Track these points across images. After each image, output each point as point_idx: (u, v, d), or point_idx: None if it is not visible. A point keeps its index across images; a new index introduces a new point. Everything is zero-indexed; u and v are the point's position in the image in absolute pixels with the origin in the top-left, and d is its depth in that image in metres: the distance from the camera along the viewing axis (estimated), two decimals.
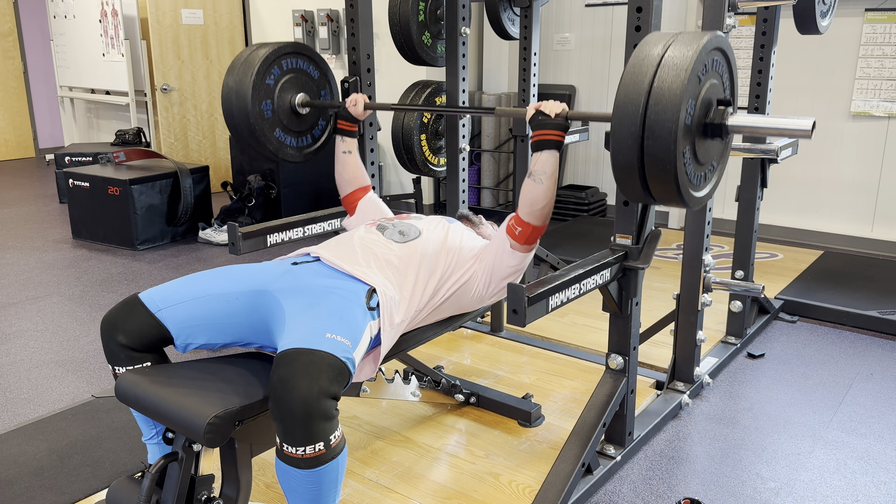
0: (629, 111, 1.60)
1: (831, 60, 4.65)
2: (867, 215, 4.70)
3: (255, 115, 2.43)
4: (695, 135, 1.65)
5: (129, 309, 1.74)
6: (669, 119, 1.55)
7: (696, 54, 1.58)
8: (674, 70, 1.57)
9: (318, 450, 1.47)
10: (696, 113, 1.63)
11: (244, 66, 2.42)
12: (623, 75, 1.64)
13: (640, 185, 1.66)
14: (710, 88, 1.68)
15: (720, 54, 1.70)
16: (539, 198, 1.92)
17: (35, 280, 4.22)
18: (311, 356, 1.51)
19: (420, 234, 2.04)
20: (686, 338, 2.69)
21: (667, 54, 1.61)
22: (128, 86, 6.57)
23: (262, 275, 1.84)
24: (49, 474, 2.26)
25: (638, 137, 1.60)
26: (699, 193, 1.74)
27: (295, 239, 2.54)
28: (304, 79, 2.57)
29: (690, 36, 1.64)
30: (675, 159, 1.57)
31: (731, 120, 1.70)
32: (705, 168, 1.75)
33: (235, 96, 2.42)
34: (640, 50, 1.66)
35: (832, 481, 2.23)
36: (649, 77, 1.59)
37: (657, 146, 1.58)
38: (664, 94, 1.57)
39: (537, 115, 1.95)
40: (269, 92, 2.46)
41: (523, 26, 3.41)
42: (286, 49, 2.49)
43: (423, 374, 2.56)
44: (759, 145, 2.90)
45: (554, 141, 1.92)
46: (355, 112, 2.44)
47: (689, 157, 1.65)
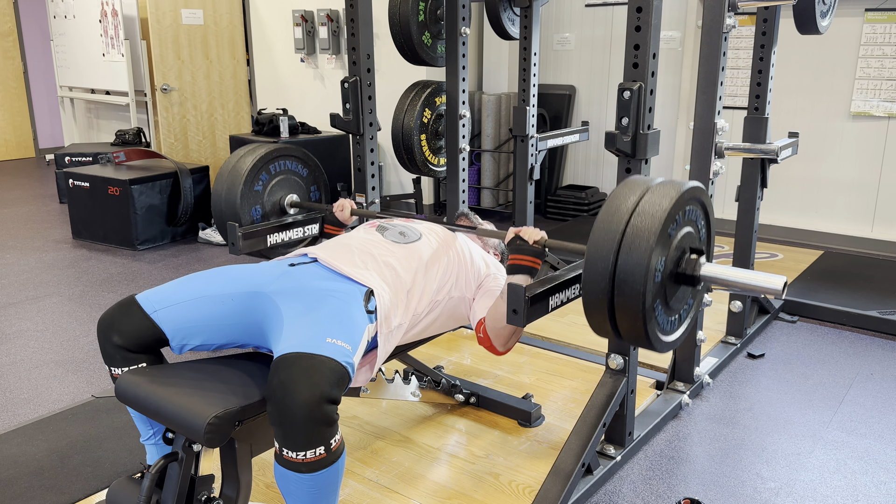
0: (599, 266, 1.58)
1: (831, 60, 4.65)
2: (867, 215, 4.70)
3: (246, 223, 2.47)
4: (666, 285, 1.63)
5: (125, 310, 1.74)
6: (637, 279, 1.53)
7: (668, 208, 1.55)
8: (643, 227, 1.55)
9: (318, 454, 1.46)
10: (667, 265, 1.61)
11: (232, 176, 2.45)
12: (595, 223, 1.62)
13: (613, 332, 1.66)
14: (684, 237, 1.66)
15: (696, 203, 1.68)
16: (503, 316, 1.89)
17: (35, 280, 4.22)
18: (312, 360, 1.51)
19: (420, 237, 2.04)
20: (686, 338, 2.68)
21: (639, 207, 1.58)
22: (128, 86, 6.57)
23: (258, 276, 1.83)
24: (49, 474, 2.26)
25: (608, 292, 1.58)
26: (670, 338, 1.72)
27: (295, 239, 2.54)
28: (293, 178, 2.60)
29: (665, 187, 1.61)
30: (644, 316, 1.56)
31: (703, 270, 1.67)
32: (677, 312, 1.73)
33: (225, 205, 2.46)
34: (614, 199, 1.63)
35: (832, 481, 2.23)
36: (619, 232, 1.57)
37: (626, 303, 1.57)
38: (633, 252, 1.54)
39: (515, 239, 1.96)
40: (258, 198, 2.50)
41: (523, 26, 3.41)
42: (272, 154, 2.51)
43: (423, 374, 2.56)
44: (759, 145, 2.90)
45: (528, 267, 1.93)
46: (342, 217, 2.45)
47: (660, 308, 1.64)
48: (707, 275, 1.68)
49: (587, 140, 4.01)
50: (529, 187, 3.67)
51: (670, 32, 5.20)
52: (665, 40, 5.22)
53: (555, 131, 4.03)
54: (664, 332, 1.69)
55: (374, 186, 2.87)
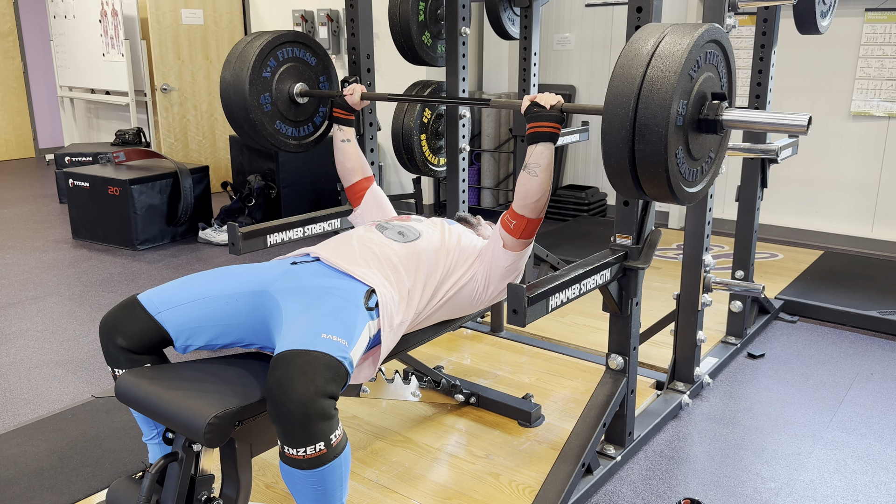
0: (618, 114, 1.55)
1: (831, 60, 4.65)
2: (867, 215, 4.70)
3: (255, 108, 2.41)
4: (688, 132, 1.61)
5: (128, 311, 1.73)
6: (659, 123, 1.51)
7: (687, 50, 1.52)
8: (664, 69, 1.52)
9: (318, 450, 1.47)
10: (689, 110, 1.59)
11: (240, 60, 2.40)
12: (613, 72, 1.59)
13: (634, 185, 1.63)
14: (705, 82, 1.63)
15: (716, 47, 1.65)
16: (534, 190, 1.92)
17: (35, 280, 4.22)
18: (307, 357, 1.51)
19: (420, 236, 2.04)
20: (686, 338, 2.69)
21: (657, 51, 1.55)
22: (128, 86, 6.57)
23: (261, 275, 1.83)
24: (49, 474, 2.26)
25: (628, 141, 1.56)
26: (694, 189, 1.71)
27: (295, 239, 2.54)
28: (301, 67, 2.55)
29: (684, 29, 1.59)
30: (666, 163, 1.53)
31: (725, 115, 1.65)
32: (701, 163, 1.71)
33: (234, 91, 2.41)
34: (631, 46, 1.61)
35: (832, 481, 2.23)
36: (639, 77, 1.54)
37: (648, 150, 1.54)
38: (653, 95, 1.51)
39: (532, 106, 1.94)
40: (267, 84, 2.45)
41: (523, 26, 3.40)
42: (281, 39, 2.46)
43: (423, 374, 2.56)
44: (759, 145, 2.90)
45: (549, 133, 1.91)
46: (352, 101, 2.43)
47: (683, 156, 1.61)
48: (730, 118, 1.65)
49: (587, 140, 4.00)
50: None
51: None
52: None
53: None
54: (687, 182, 1.66)
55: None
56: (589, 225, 5.23)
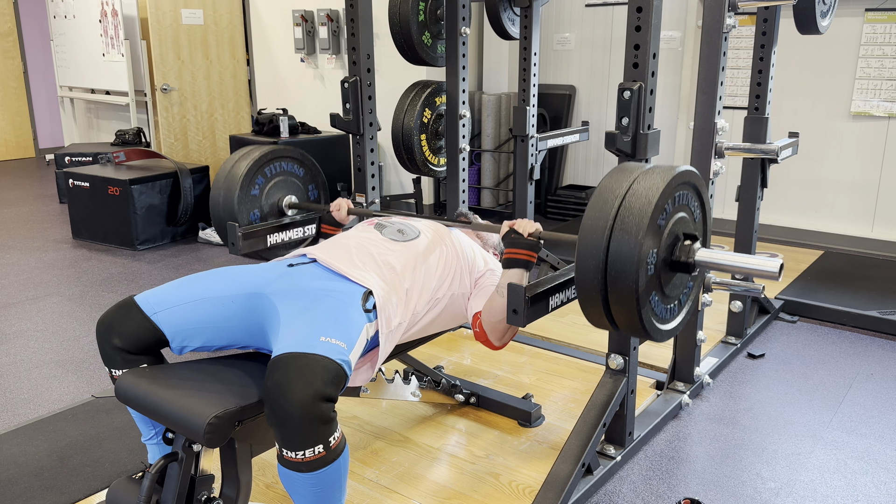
0: (590, 263, 1.58)
1: (831, 60, 4.65)
2: (867, 215, 4.70)
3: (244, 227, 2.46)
4: (661, 274, 1.62)
5: (124, 312, 1.74)
6: (629, 277, 1.52)
7: (655, 200, 1.54)
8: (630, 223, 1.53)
9: (317, 452, 1.46)
10: (660, 255, 1.60)
11: (228, 181, 2.44)
12: (583, 219, 1.62)
13: (611, 325, 1.66)
14: (678, 223, 1.64)
15: (688, 188, 1.66)
16: (497, 311, 1.90)
17: (35, 280, 4.22)
18: (305, 360, 1.51)
19: (419, 234, 2.04)
20: (686, 338, 2.69)
21: (624, 202, 1.57)
22: (128, 86, 6.57)
23: (258, 277, 1.83)
24: (49, 474, 2.26)
25: (602, 290, 1.58)
26: (668, 327, 1.71)
27: (295, 239, 2.54)
28: (290, 179, 2.60)
29: (653, 175, 1.59)
30: (639, 310, 1.56)
31: (697, 256, 1.65)
32: (675, 299, 1.72)
33: (223, 211, 2.45)
34: (602, 191, 1.62)
35: (832, 481, 2.22)
36: (608, 229, 1.56)
37: (620, 299, 1.56)
38: (622, 249, 1.53)
39: (510, 232, 1.96)
40: (256, 201, 2.49)
41: (523, 26, 3.41)
42: (267, 157, 2.50)
43: (423, 374, 2.56)
44: (759, 145, 2.90)
45: (523, 260, 1.93)
46: (339, 217, 2.44)
47: (657, 298, 1.63)
48: (702, 260, 1.66)
49: (587, 140, 4.01)
50: (529, 187, 3.67)
51: (670, 32, 5.20)
52: (665, 40, 5.22)
53: (555, 131, 4.03)
54: (662, 320, 1.68)
55: (374, 186, 2.87)
56: None
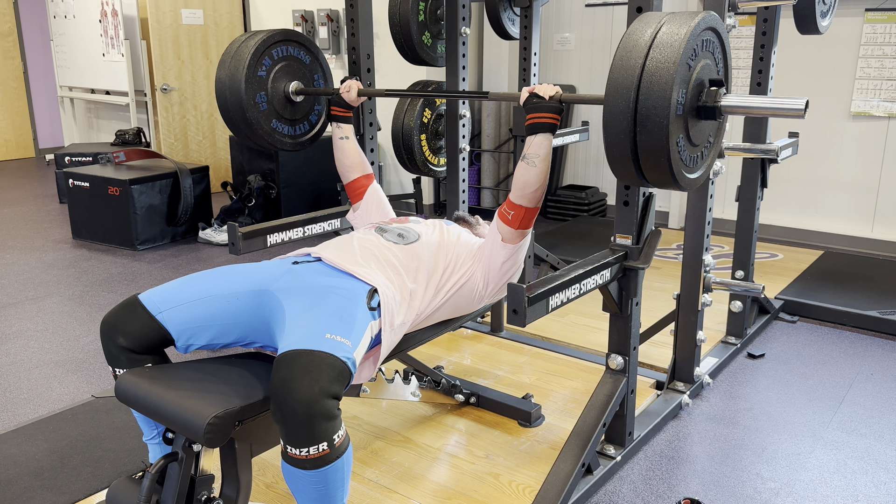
0: (619, 105, 1.58)
1: (831, 60, 4.65)
2: (867, 215, 4.70)
3: (251, 107, 2.41)
4: (687, 119, 1.64)
5: (129, 311, 1.73)
6: (660, 113, 1.53)
7: (685, 39, 1.55)
8: (663, 60, 1.55)
9: (321, 450, 1.47)
10: (688, 98, 1.62)
11: (235, 60, 2.39)
12: (613, 62, 1.61)
13: (636, 173, 1.66)
14: (703, 69, 1.65)
15: (712, 34, 1.68)
16: (532, 181, 1.92)
17: (35, 280, 4.22)
18: (311, 357, 1.51)
19: (419, 238, 2.04)
20: (686, 338, 2.69)
21: (656, 41, 1.58)
22: (128, 86, 6.57)
23: (262, 274, 1.83)
24: (49, 474, 2.26)
25: (630, 131, 1.58)
26: (695, 175, 1.74)
27: (295, 239, 2.54)
28: (296, 66, 2.55)
29: (680, 18, 1.61)
30: (668, 151, 1.56)
31: (723, 101, 1.68)
32: (700, 148, 1.74)
33: (229, 91, 2.40)
34: (630, 36, 1.62)
35: (832, 481, 2.23)
36: (638, 67, 1.57)
37: (650, 139, 1.57)
38: (654, 86, 1.54)
39: (531, 97, 1.94)
40: (263, 83, 2.44)
41: (523, 26, 3.40)
42: (275, 38, 2.46)
43: (423, 374, 2.56)
44: (759, 145, 2.90)
45: (548, 123, 1.92)
46: (349, 98, 2.42)
47: (683, 143, 1.64)
48: (728, 104, 1.68)
49: (587, 140, 4.00)
50: None
51: None
52: None
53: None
54: (688, 168, 1.69)
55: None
56: (589, 225, 5.23)
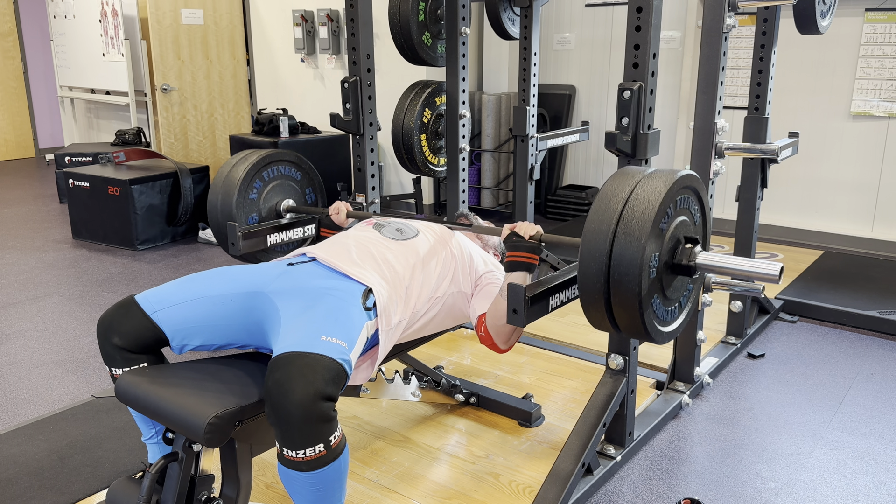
0: (592, 268, 1.60)
1: (831, 60, 4.65)
2: (867, 215, 4.70)
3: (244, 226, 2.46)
4: (662, 277, 1.64)
5: (124, 311, 1.74)
6: (632, 280, 1.54)
7: (657, 204, 1.55)
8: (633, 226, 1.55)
9: (317, 452, 1.47)
10: (662, 259, 1.62)
11: (226, 185, 2.44)
12: (586, 224, 1.63)
13: (612, 327, 1.68)
14: (679, 227, 1.66)
15: (689, 192, 1.68)
16: (502, 313, 1.89)
17: (35, 280, 4.22)
18: (306, 359, 1.51)
19: (417, 234, 2.04)
20: (686, 338, 2.69)
21: (627, 206, 1.58)
22: (128, 86, 6.57)
23: (257, 276, 1.83)
24: (49, 474, 2.26)
25: (604, 293, 1.60)
26: (669, 329, 1.73)
27: (295, 239, 2.54)
28: (287, 183, 2.60)
29: (655, 179, 1.61)
30: (641, 313, 1.57)
31: (699, 259, 1.68)
32: (675, 301, 1.73)
33: (221, 216, 2.45)
34: (604, 196, 1.63)
35: (832, 481, 2.23)
36: (610, 233, 1.58)
37: (623, 301, 1.58)
38: (626, 253, 1.55)
39: (511, 235, 1.96)
40: (254, 205, 2.50)
41: (523, 26, 3.41)
42: (265, 161, 2.50)
43: (423, 374, 2.56)
44: (759, 145, 2.90)
45: (526, 263, 1.93)
46: (338, 220, 2.43)
47: (658, 301, 1.65)
48: (703, 263, 1.68)
49: (587, 140, 4.01)
50: (529, 187, 3.67)
51: (670, 32, 5.20)
52: (665, 40, 5.22)
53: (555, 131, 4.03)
54: (663, 322, 1.70)
55: (374, 186, 2.87)
56: None
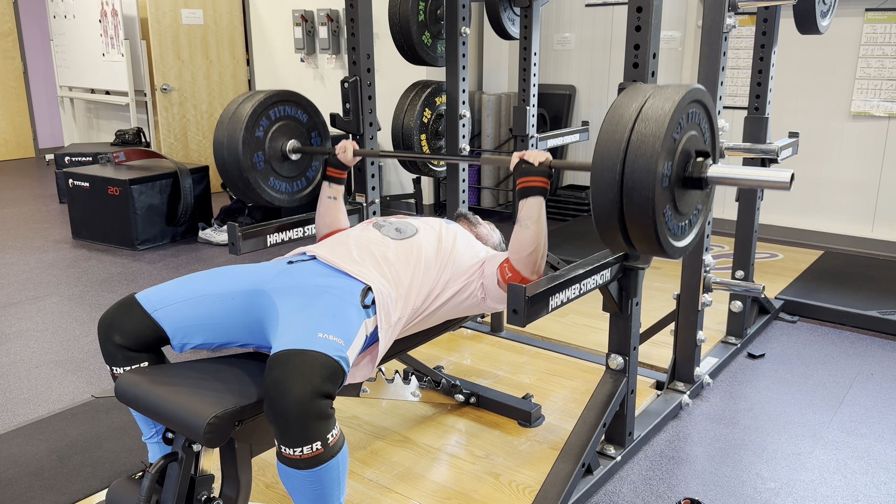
0: (606, 177, 1.59)
1: (831, 60, 4.65)
2: (867, 215, 4.70)
3: (249, 168, 2.43)
4: (674, 190, 1.64)
5: (125, 309, 1.74)
6: (646, 186, 1.54)
7: (670, 113, 1.56)
8: (649, 134, 1.56)
9: (315, 449, 1.47)
10: (674, 170, 1.63)
11: (232, 121, 2.42)
12: (599, 134, 1.63)
13: (624, 242, 1.68)
14: (689, 141, 1.67)
15: (698, 105, 1.69)
16: (526, 242, 1.90)
17: (35, 280, 4.22)
18: (303, 356, 1.51)
19: (417, 232, 2.04)
20: (686, 338, 2.69)
21: (641, 115, 1.59)
22: (128, 86, 6.57)
23: (257, 274, 1.84)
24: (49, 474, 2.26)
25: (617, 203, 1.60)
26: (682, 243, 1.74)
27: (295, 239, 2.55)
28: (293, 125, 2.58)
29: (666, 92, 1.62)
30: (654, 223, 1.57)
31: (709, 172, 1.69)
32: (687, 217, 1.75)
33: (227, 152, 2.43)
34: (616, 108, 1.64)
35: (832, 481, 2.23)
36: (624, 141, 1.58)
37: (636, 211, 1.58)
38: (639, 160, 1.55)
39: (521, 163, 1.95)
40: (260, 144, 2.47)
41: (523, 26, 3.40)
42: (273, 98, 2.49)
43: (423, 374, 2.56)
44: (759, 145, 2.90)
45: (538, 187, 1.92)
46: (344, 158, 2.42)
47: (671, 213, 1.65)
48: (714, 175, 1.70)
49: (587, 140, 4.00)
50: None
51: (670, 32, 5.20)
52: (665, 40, 5.22)
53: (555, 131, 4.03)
54: (675, 237, 1.71)
55: (374, 186, 2.87)
56: (589, 225, 5.23)
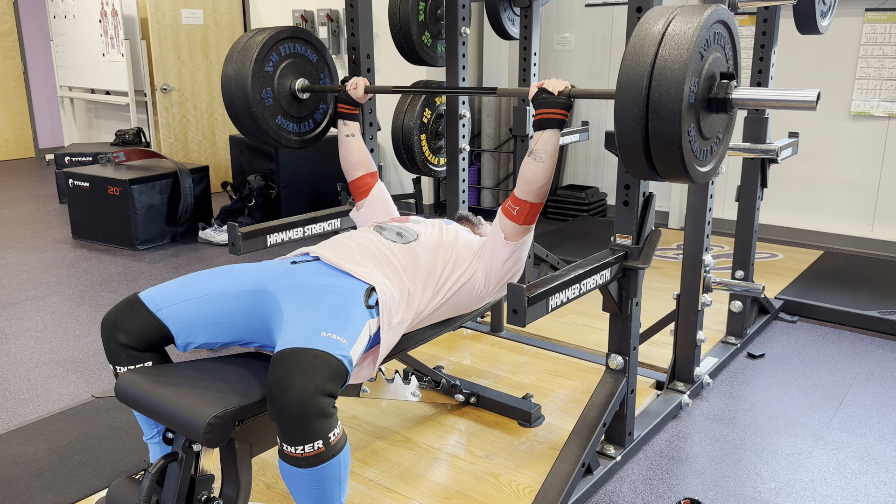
0: (632, 92, 1.58)
1: (831, 60, 4.65)
2: (867, 215, 4.70)
3: (257, 103, 2.40)
4: (699, 111, 1.64)
5: (129, 309, 1.74)
6: (673, 99, 1.54)
7: (697, 30, 1.56)
8: (676, 48, 1.56)
9: (316, 448, 1.47)
10: (700, 89, 1.62)
11: (242, 54, 2.39)
12: (625, 53, 1.62)
13: (646, 163, 1.66)
14: (714, 62, 1.66)
15: (723, 27, 1.69)
16: (539, 176, 1.92)
17: (35, 280, 4.22)
18: (306, 355, 1.51)
19: (418, 237, 2.04)
20: (686, 338, 2.69)
21: (668, 31, 1.59)
22: (128, 86, 6.57)
23: (261, 274, 1.84)
24: (49, 474, 2.26)
25: (642, 119, 1.58)
26: (705, 168, 1.74)
27: (295, 239, 2.54)
28: (302, 63, 2.55)
29: (692, 10, 1.62)
30: (680, 139, 1.56)
31: (734, 94, 1.69)
32: (710, 142, 1.75)
33: (236, 85, 2.39)
34: (641, 27, 1.64)
35: (832, 481, 2.23)
36: (651, 56, 1.57)
37: (661, 127, 1.57)
38: (667, 73, 1.55)
39: (540, 93, 1.94)
40: (269, 79, 2.44)
41: (523, 26, 3.40)
42: (283, 34, 2.46)
43: (423, 374, 2.56)
44: (759, 145, 2.90)
45: (557, 119, 1.91)
46: (356, 95, 2.43)
47: (695, 134, 1.65)
48: (739, 97, 1.69)
49: (587, 140, 4.00)
50: None
51: None
52: None
53: None
54: (699, 161, 1.70)
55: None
56: (589, 225, 5.23)
